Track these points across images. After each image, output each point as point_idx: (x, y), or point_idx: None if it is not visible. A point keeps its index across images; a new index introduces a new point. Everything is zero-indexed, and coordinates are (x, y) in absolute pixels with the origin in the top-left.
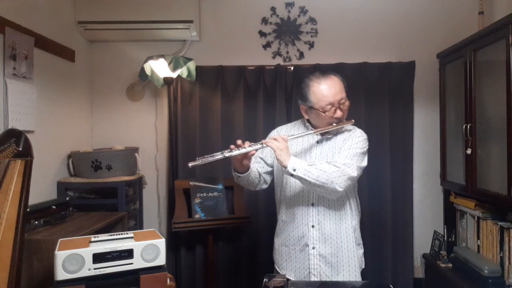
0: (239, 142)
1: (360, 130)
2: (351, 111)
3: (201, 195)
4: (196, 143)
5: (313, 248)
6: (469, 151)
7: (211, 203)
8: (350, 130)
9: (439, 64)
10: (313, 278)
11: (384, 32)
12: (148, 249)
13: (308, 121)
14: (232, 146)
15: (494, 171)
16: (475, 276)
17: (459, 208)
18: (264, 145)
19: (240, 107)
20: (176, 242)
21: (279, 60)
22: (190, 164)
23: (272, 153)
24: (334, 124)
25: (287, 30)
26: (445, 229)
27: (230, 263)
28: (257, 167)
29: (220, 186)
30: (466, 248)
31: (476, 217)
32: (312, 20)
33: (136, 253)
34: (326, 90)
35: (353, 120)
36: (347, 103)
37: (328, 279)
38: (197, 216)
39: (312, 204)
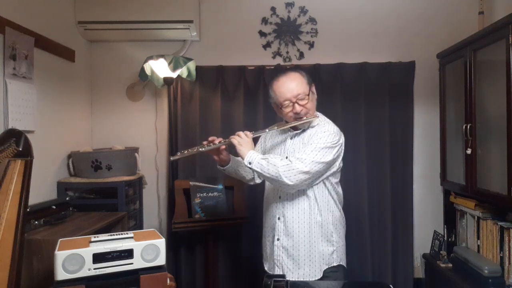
0: (211, 138)
1: (330, 125)
2: (352, 111)
3: (201, 195)
4: (196, 143)
5: (278, 239)
6: (469, 151)
7: (211, 203)
8: (320, 125)
9: (439, 64)
10: (276, 269)
11: (384, 32)
12: (148, 249)
13: None
14: (205, 142)
15: (494, 171)
16: (475, 276)
17: (459, 208)
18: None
19: (240, 107)
20: (176, 242)
21: (279, 60)
22: (171, 158)
23: (262, 150)
24: (302, 120)
25: (287, 30)
26: (445, 229)
27: (230, 263)
28: None
29: (220, 186)
30: (466, 248)
31: (476, 217)
32: (312, 20)
33: (136, 253)
34: (281, 87)
35: (317, 115)
36: (307, 98)
37: (290, 272)
38: (197, 216)
39: (280, 197)
